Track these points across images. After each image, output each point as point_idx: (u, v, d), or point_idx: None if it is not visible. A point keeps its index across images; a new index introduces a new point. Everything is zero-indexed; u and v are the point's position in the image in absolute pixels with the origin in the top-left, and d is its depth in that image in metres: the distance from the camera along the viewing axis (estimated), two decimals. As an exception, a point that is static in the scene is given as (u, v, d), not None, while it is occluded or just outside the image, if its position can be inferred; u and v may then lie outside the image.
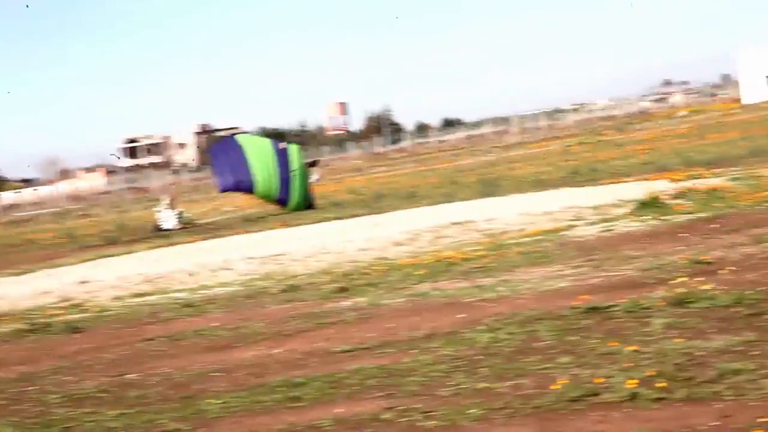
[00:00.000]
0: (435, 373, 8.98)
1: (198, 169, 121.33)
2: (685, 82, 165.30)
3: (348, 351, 10.51)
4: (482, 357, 9.29)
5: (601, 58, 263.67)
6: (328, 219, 29.18)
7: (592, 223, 18.50)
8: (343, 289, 14.85)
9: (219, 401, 9.10)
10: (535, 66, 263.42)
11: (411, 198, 32.93)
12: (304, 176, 36.31)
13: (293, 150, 36.64)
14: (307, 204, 35.85)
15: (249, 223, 33.15)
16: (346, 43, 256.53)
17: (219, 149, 37.26)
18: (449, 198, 29.80)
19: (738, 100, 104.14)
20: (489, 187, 31.42)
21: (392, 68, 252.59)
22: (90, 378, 11.11)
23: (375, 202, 33.21)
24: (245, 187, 35.33)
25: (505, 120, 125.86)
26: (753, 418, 6.45)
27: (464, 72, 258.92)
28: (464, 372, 8.84)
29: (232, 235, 28.89)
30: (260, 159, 35.38)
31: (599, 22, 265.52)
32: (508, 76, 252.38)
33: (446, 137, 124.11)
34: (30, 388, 11.03)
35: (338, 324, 12.21)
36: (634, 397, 7.29)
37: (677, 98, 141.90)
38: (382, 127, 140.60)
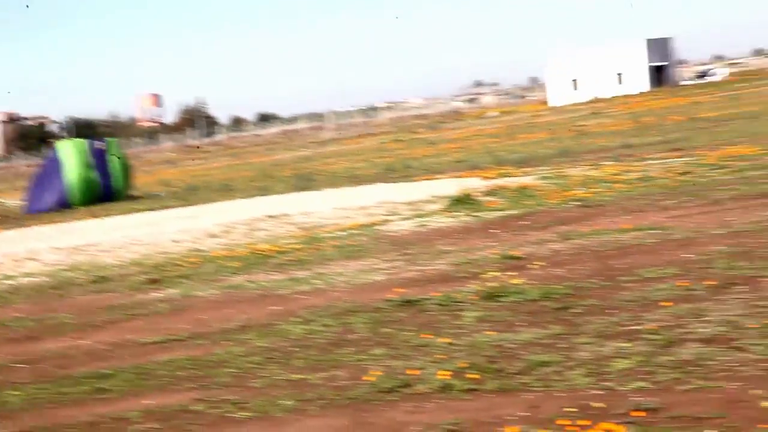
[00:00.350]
0: (248, 364, 8.88)
1: (5, 159, 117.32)
2: (495, 84, 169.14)
3: (158, 342, 10.30)
4: (296, 349, 9.23)
5: (415, 58, 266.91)
6: (140, 210, 28.64)
7: (407, 218, 18.69)
8: (154, 281, 14.58)
9: (22, 393, 8.78)
10: (350, 64, 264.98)
11: (225, 191, 32.64)
12: (126, 170, 35.83)
13: (112, 145, 36.07)
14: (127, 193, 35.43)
15: (54, 213, 32.23)
16: (160, 34, 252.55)
17: (40, 172, 36.05)
18: (264, 191, 29.67)
19: (545, 102, 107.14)
20: (304, 182, 31.42)
21: (207, 61, 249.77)
22: None
23: (189, 195, 32.78)
24: (57, 203, 34.15)
25: (320, 116, 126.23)
26: (559, 408, 6.58)
27: (280, 67, 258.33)
28: (278, 363, 8.76)
29: (37, 225, 28.05)
30: (78, 166, 34.53)
31: (413, 22, 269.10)
32: (324, 73, 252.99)
33: (261, 131, 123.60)
34: None
35: (149, 315, 11.97)
36: (446, 388, 7.35)
37: (488, 99, 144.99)
38: (196, 119, 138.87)
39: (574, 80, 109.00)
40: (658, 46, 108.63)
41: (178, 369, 9.02)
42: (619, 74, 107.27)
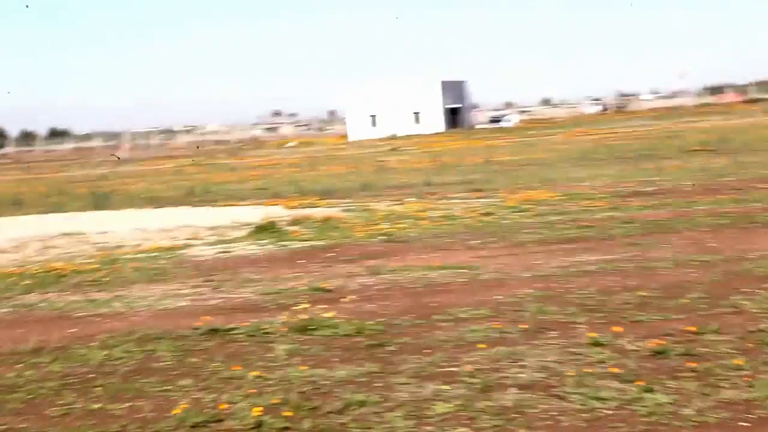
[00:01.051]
0: (43, 390, 8.31)
1: None
2: (294, 114, 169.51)
3: (-58, 363, 9.58)
4: (96, 375, 8.71)
5: (215, 82, 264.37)
6: None
7: (210, 244, 18.21)
8: (-63, 296, 13.67)
9: None
10: (148, 83, 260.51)
11: (16, 206, 31.30)
12: None
13: None
14: None
15: None
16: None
17: None
18: (58, 208, 28.58)
19: (344, 136, 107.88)
20: (101, 200, 30.43)
21: None
22: None
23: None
24: None
25: (116, 135, 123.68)
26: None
27: (73, 82, 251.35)
28: (76, 391, 8.23)
29: None
30: None
31: (214, 47, 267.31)
32: (121, 91, 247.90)
33: (54, 147, 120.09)
34: None
35: (-69, 333, 11.15)
36: (259, 425, 7.00)
37: (287, 129, 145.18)
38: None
39: (373, 116, 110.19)
40: (453, 89, 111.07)
41: (-36, 393, 8.38)
42: (416, 113, 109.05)
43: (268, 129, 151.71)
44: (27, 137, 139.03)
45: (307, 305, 10.94)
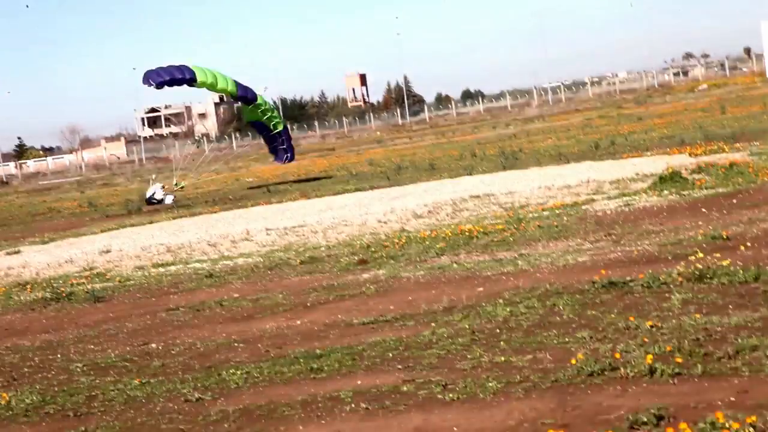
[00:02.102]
0: (454, 346, 9.05)
1: (218, 140, 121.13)
2: (705, 55, 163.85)
3: (367, 323, 10.60)
4: (501, 330, 9.36)
5: (620, 29, 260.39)
6: (348, 191, 29.25)
7: (612, 198, 18.52)
8: (362, 262, 14.94)
9: (240, 372, 9.20)
10: (548, 39, 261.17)
11: (431, 170, 32.96)
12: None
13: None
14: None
15: (269, 194, 33.21)
16: (366, 14, 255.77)
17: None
18: (469, 170, 29.83)
19: (761, 74, 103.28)
20: (509, 160, 31.42)
21: (412, 39, 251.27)
22: (113, 347, 11.24)
23: (395, 175, 33.27)
24: (179, 79, 34.12)
25: (525, 92, 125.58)
26: (770, 394, 6.49)
27: (484, 42, 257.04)
28: (483, 345, 8.91)
29: (252, 206, 29.00)
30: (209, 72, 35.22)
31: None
32: (526, 48, 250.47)
33: (466, 109, 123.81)
34: (54, 356, 11.18)
35: (358, 296, 12.30)
36: (652, 372, 7.34)
37: (698, 71, 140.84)
38: (401, 98, 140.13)
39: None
40: None
41: (386, 350, 9.28)
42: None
43: (678, 73, 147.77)
44: (442, 101, 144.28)
45: (704, 254, 11.07)
